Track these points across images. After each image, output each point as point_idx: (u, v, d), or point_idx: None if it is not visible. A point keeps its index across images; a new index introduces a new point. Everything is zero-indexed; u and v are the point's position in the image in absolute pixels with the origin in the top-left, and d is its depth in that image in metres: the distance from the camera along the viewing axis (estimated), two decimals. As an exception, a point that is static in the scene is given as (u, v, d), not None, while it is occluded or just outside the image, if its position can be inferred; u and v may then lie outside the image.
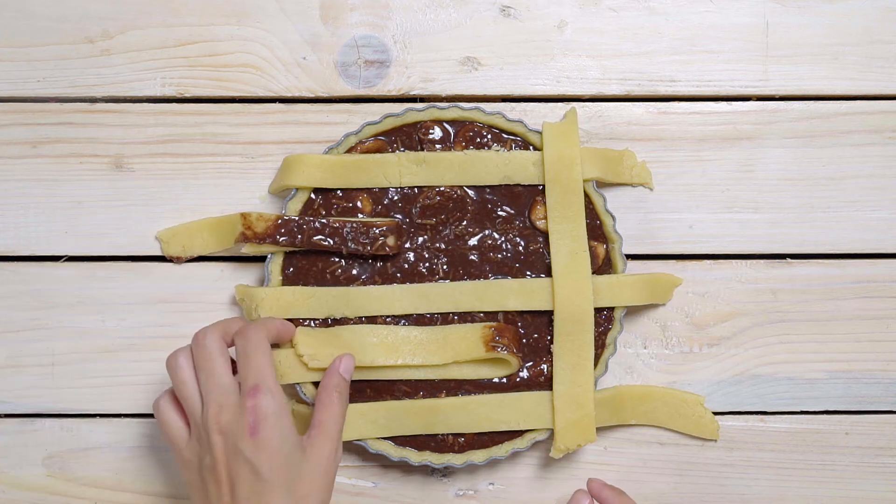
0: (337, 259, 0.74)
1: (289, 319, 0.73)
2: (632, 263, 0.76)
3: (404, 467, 0.76)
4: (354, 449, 0.76)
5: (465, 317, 0.74)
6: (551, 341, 0.73)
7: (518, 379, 0.73)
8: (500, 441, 0.74)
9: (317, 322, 0.73)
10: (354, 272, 0.74)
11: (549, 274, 0.73)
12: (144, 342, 0.76)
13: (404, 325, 0.73)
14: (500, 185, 0.74)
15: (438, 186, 0.74)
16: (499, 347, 0.71)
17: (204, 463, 0.63)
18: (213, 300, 0.76)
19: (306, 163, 0.73)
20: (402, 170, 0.73)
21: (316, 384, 0.73)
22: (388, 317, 0.73)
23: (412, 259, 0.74)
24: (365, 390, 0.73)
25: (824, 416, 0.77)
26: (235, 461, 0.62)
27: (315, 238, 0.72)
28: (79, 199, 0.76)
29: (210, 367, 0.64)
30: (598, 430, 0.75)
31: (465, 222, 0.74)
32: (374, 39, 0.77)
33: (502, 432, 0.73)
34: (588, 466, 0.76)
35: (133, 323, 0.76)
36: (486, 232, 0.74)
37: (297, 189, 0.73)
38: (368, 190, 0.74)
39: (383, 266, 0.74)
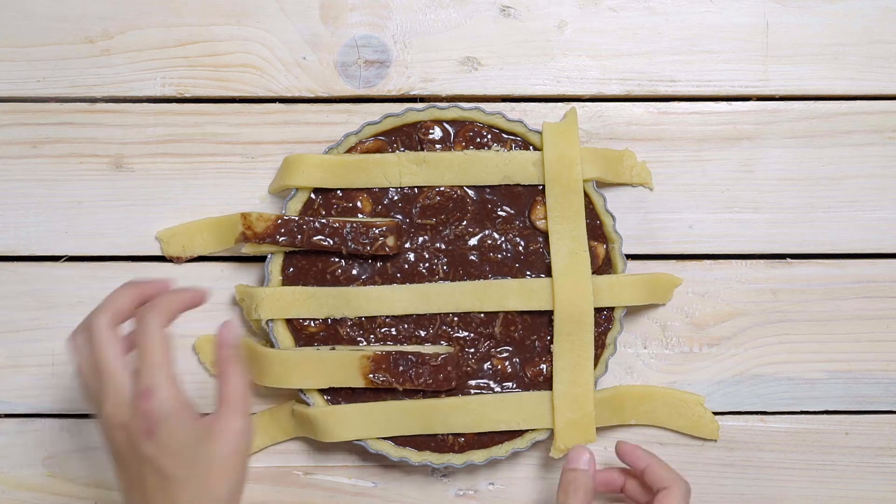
0: (337, 259, 0.74)
1: (289, 320, 0.73)
2: (632, 263, 0.76)
3: (404, 467, 0.76)
4: (354, 449, 0.76)
5: (465, 317, 0.74)
6: (551, 341, 0.73)
7: (518, 378, 0.74)
8: (500, 441, 0.74)
9: (317, 322, 0.73)
10: (354, 272, 0.74)
11: (549, 274, 0.73)
12: (144, 342, 0.76)
13: (406, 327, 0.73)
14: (500, 185, 0.74)
15: (438, 186, 0.74)
16: (377, 378, 0.71)
17: (113, 450, 0.60)
18: (213, 300, 0.76)
19: (306, 163, 0.73)
20: (402, 170, 0.73)
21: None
22: (387, 317, 0.73)
23: (412, 259, 0.74)
24: (365, 391, 0.73)
25: (824, 416, 0.77)
26: (138, 459, 0.59)
27: (315, 238, 0.72)
28: (79, 199, 0.76)
29: (101, 363, 0.60)
30: (598, 430, 0.75)
31: (465, 222, 0.74)
32: (374, 39, 0.77)
33: (502, 432, 0.73)
34: (588, 466, 0.76)
35: (133, 323, 0.76)
36: (486, 232, 0.74)
37: (297, 189, 0.73)
38: (368, 190, 0.74)
39: (383, 266, 0.74)
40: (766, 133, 0.77)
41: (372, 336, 0.73)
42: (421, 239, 0.74)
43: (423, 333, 0.74)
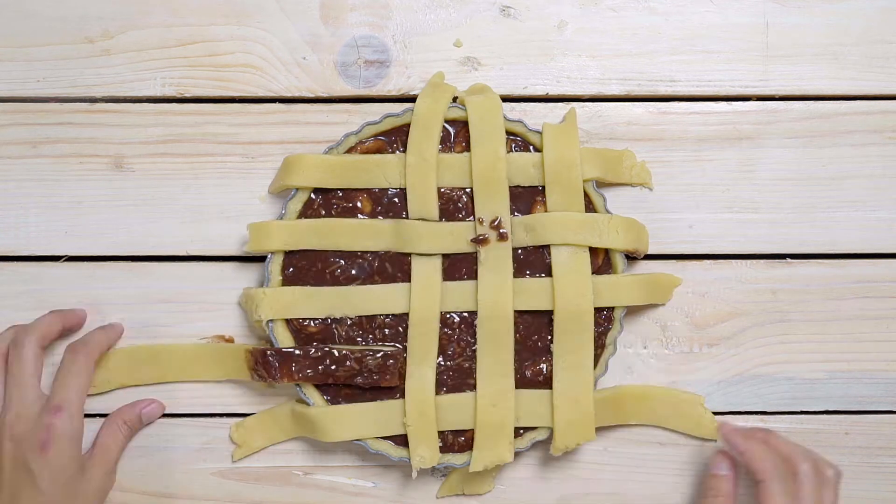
0: (337, 259, 0.74)
1: (288, 320, 0.73)
2: (631, 263, 0.76)
3: (404, 467, 0.76)
4: (354, 449, 0.76)
5: (466, 316, 0.74)
6: (551, 341, 0.73)
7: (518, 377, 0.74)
8: (500, 441, 0.74)
9: (316, 322, 0.73)
10: (354, 272, 0.74)
11: (549, 274, 0.73)
12: (144, 342, 0.76)
13: (405, 327, 0.73)
14: (500, 185, 0.74)
15: (439, 187, 0.74)
16: (256, 374, 0.72)
17: None
18: (213, 300, 0.76)
19: (306, 163, 0.73)
20: (402, 170, 0.73)
21: (318, 387, 0.73)
22: (387, 317, 0.73)
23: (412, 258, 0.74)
24: (364, 391, 0.73)
25: (824, 416, 0.77)
26: (19, 471, 0.65)
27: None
28: (79, 199, 0.76)
29: (20, 375, 0.68)
30: (598, 429, 0.75)
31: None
32: (374, 39, 0.77)
33: (502, 432, 0.74)
34: (588, 466, 0.76)
35: (133, 323, 0.76)
36: (486, 232, 0.74)
37: (296, 189, 0.73)
38: (368, 190, 0.74)
39: (383, 266, 0.74)
40: (766, 133, 0.77)
41: (371, 336, 0.73)
42: (421, 239, 0.74)
43: (423, 333, 0.74)
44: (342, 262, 0.74)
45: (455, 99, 0.76)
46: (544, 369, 0.74)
